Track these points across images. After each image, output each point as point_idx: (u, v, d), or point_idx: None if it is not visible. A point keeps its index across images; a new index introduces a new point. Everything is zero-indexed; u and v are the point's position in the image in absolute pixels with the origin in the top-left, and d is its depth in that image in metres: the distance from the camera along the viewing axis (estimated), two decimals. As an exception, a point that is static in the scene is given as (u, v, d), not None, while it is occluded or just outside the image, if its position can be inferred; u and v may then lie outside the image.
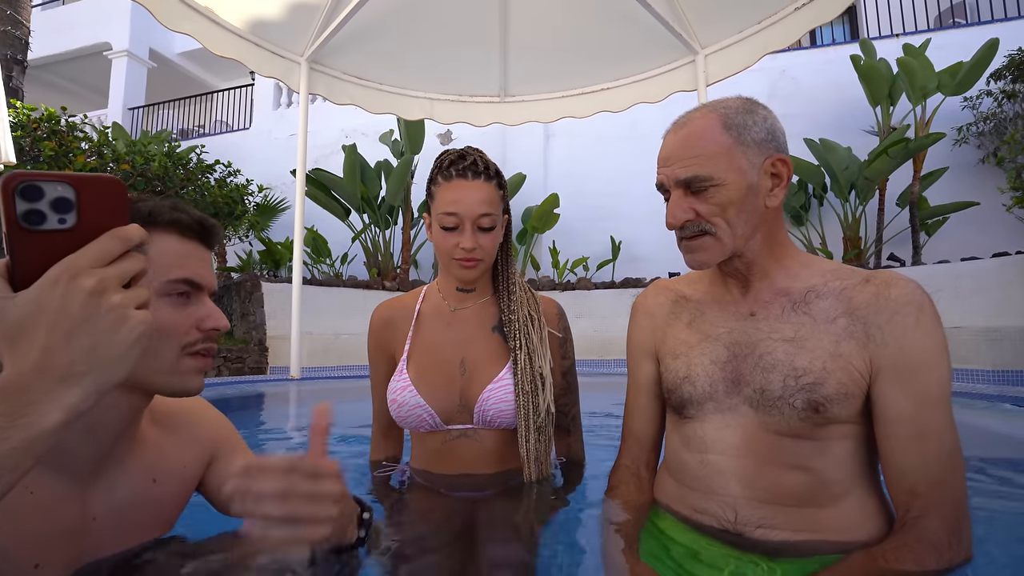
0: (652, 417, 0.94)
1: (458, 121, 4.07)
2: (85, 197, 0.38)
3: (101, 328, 0.38)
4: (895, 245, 6.43)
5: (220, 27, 3.23)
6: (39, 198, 0.37)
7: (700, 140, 0.76)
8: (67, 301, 0.37)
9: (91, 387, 0.39)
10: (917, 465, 0.69)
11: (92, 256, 0.39)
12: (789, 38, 3.15)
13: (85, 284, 0.38)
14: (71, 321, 0.38)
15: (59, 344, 0.37)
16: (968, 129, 6.27)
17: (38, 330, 0.37)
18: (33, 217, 0.37)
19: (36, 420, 0.37)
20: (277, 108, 9.81)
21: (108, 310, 0.39)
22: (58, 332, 0.37)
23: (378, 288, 6.10)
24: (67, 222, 0.38)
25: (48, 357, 0.37)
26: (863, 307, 0.73)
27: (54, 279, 0.38)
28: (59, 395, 0.38)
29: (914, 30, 7.50)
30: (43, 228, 0.38)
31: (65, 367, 0.38)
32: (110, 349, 0.39)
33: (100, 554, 0.63)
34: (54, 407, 0.37)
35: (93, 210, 0.39)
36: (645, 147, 7.42)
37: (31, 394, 0.37)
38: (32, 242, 0.38)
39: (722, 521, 0.77)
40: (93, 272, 0.38)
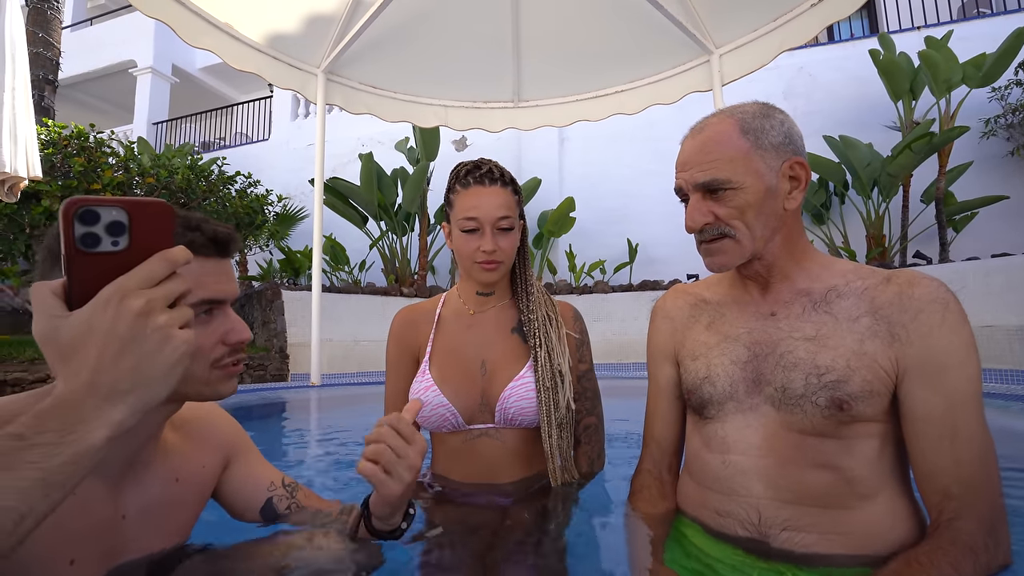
0: (673, 421, 0.93)
1: (472, 127, 4.09)
2: (137, 221, 0.40)
3: (146, 348, 0.40)
4: (921, 242, 6.27)
5: (239, 42, 3.30)
6: (95, 222, 0.39)
7: (718, 145, 0.77)
8: (116, 322, 0.39)
9: (136, 405, 0.41)
10: (949, 466, 0.67)
11: (140, 278, 0.41)
12: (805, 35, 3.11)
13: (133, 305, 0.40)
14: (120, 341, 0.40)
15: (108, 363, 0.39)
16: (996, 121, 6.10)
17: (89, 350, 0.39)
18: (89, 240, 0.39)
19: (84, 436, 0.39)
20: (295, 119, 10.00)
21: (154, 331, 0.41)
22: (108, 352, 0.39)
23: (396, 295, 6.15)
24: (119, 244, 0.40)
25: (97, 376, 0.39)
26: (886, 306, 0.72)
27: (105, 300, 0.40)
28: (105, 412, 0.40)
29: (936, 22, 7.32)
30: (97, 250, 0.40)
31: (111, 385, 0.40)
32: (154, 369, 0.41)
33: (128, 553, 0.65)
34: (101, 424, 0.39)
35: (143, 233, 0.41)
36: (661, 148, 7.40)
37: (81, 412, 0.39)
38: (87, 263, 0.40)
39: (745, 524, 0.76)
40: (141, 293, 0.40)
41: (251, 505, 0.81)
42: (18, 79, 3.12)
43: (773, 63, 3.38)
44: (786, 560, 0.73)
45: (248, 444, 0.85)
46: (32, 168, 3.14)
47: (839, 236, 6.55)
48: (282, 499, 0.82)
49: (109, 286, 0.40)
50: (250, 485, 0.81)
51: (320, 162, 3.72)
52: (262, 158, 9.74)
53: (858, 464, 0.72)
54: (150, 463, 0.69)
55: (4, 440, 0.38)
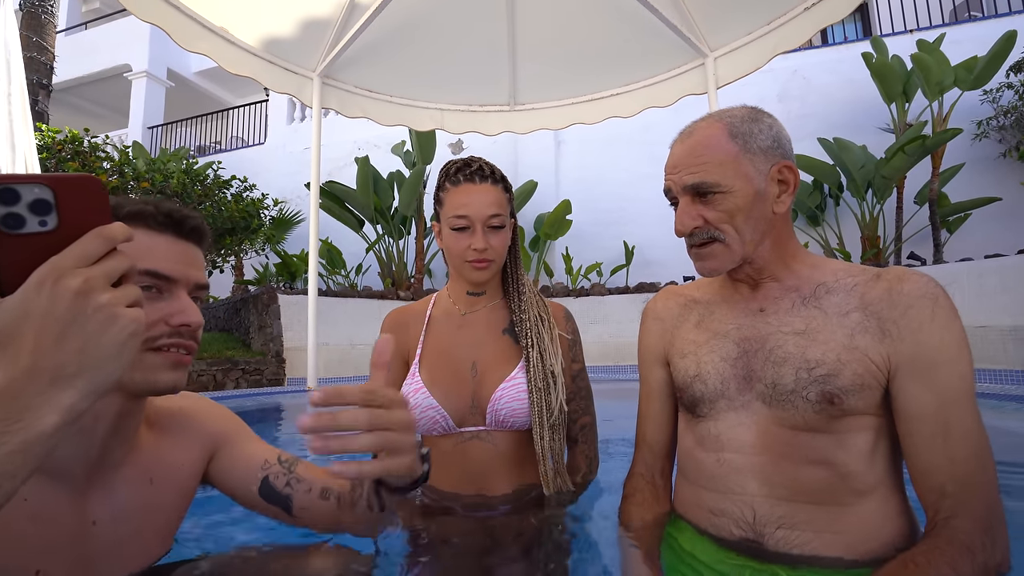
0: (665, 423, 0.93)
1: (468, 131, 4.10)
2: (64, 197, 0.37)
3: (90, 328, 0.38)
4: (915, 244, 6.30)
5: (235, 46, 3.30)
6: (16, 201, 0.36)
7: (706, 148, 0.77)
8: (54, 303, 0.37)
9: (86, 388, 0.39)
10: (944, 463, 0.67)
11: (76, 256, 0.38)
12: (799, 38, 3.13)
13: (71, 285, 0.37)
14: (59, 323, 0.37)
15: (48, 347, 0.37)
16: (988, 123, 6.15)
17: (26, 334, 0.37)
18: (11, 221, 0.37)
19: (32, 424, 0.37)
20: (291, 123, 9.99)
21: (96, 310, 0.38)
22: (46, 335, 0.37)
23: (392, 298, 6.14)
24: (48, 224, 0.37)
25: (38, 360, 0.37)
26: (876, 302, 0.73)
27: (39, 282, 0.37)
28: (53, 397, 0.37)
29: (928, 25, 7.39)
30: (23, 232, 0.37)
31: (56, 369, 0.37)
32: (101, 349, 0.39)
33: (101, 561, 0.62)
34: (49, 410, 0.37)
35: (74, 210, 0.38)
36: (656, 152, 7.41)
37: (24, 398, 0.37)
38: (14, 246, 0.37)
39: (740, 523, 0.76)
40: (78, 272, 0.38)
41: (248, 488, 0.77)
42: (14, 84, 3.10)
43: (767, 66, 3.40)
44: (781, 561, 0.73)
45: (237, 429, 0.81)
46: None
47: (834, 238, 6.58)
48: (279, 476, 0.77)
49: (42, 267, 0.37)
50: (241, 468, 0.77)
51: (316, 166, 3.72)
52: (258, 162, 9.72)
53: (852, 459, 0.72)
54: (119, 465, 0.66)
55: None
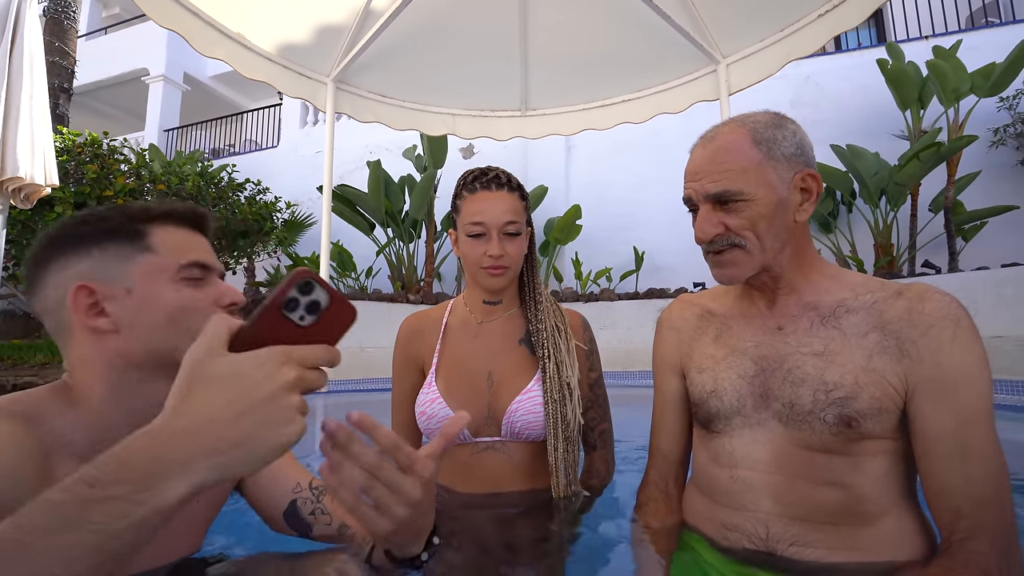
0: (679, 433, 0.93)
1: (480, 136, 4.11)
2: (330, 311, 0.42)
3: (270, 420, 0.39)
4: (930, 252, 6.22)
5: (251, 51, 3.35)
6: (307, 294, 0.41)
7: (730, 155, 0.76)
8: (263, 381, 0.39)
9: (223, 471, 0.38)
10: (960, 484, 0.67)
11: (304, 355, 0.41)
12: (813, 45, 3.11)
13: (288, 375, 0.40)
14: (252, 401, 0.38)
15: (227, 418, 0.38)
16: (1005, 131, 6.06)
17: (218, 394, 0.38)
18: (291, 305, 0.41)
19: (158, 496, 0.35)
20: (304, 126, 10.08)
21: (286, 407, 0.40)
22: (234, 407, 0.38)
23: (402, 301, 6.17)
24: (305, 321, 0.42)
25: (209, 425, 0.37)
26: (895, 321, 0.72)
27: (266, 357, 0.40)
28: (190, 470, 0.36)
29: (944, 31, 7.31)
30: (287, 317, 0.42)
31: (214, 442, 0.37)
32: (263, 442, 0.39)
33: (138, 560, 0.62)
34: (182, 481, 0.36)
35: (326, 322, 0.43)
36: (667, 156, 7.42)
37: (166, 464, 0.36)
38: (272, 322, 0.41)
39: (753, 538, 0.76)
40: (296, 368, 0.41)
41: (276, 507, 0.79)
42: (36, 88, 3.17)
43: (780, 72, 3.38)
44: (795, 572, 0.72)
45: None
46: (49, 176, 3.20)
47: (847, 245, 6.52)
48: (307, 502, 0.79)
49: (274, 347, 0.41)
50: (274, 486, 0.79)
51: (329, 170, 3.75)
52: (271, 165, 9.82)
53: (867, 482, 0.71)
54: None
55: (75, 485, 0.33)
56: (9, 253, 4.37)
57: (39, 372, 4.47)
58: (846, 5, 2.87)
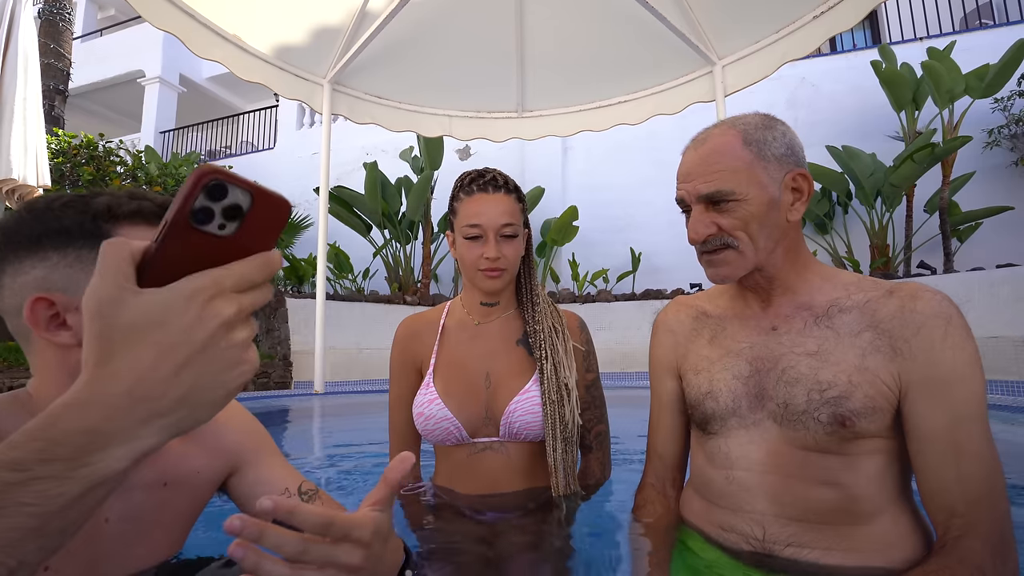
0: (676, 434, 0.93)
1: (476, 137, 4.12)
2: (255, 211, 0.34)
3: (215, 366, 0.33)
4: (925, 252, 6.25)
5: (247, 53, 3.35)
6: (220, 199, 0.33)
7: (721, 156, 0.76)
8: (197, 324, 0.32)
9: (170, 430, 0.33)
10: (954, 483, 0.67)
11: (238, 278, 0.33)
12: (808, 47, 3.13)
13: (223, 311, 0.32)
14: (190, 349, 0.32)
15: (164, 374, 0.31)
16: (999, 131, 6.10)
17: (148, 348, 0.31)
18: (202, 215, 0.32)
19: (98, 469, 0.31)
20: (300, 128, 10.08)
21: (230, 346, 0.33)
22: (170, 359, 0.31)
23: (399, 302, 6.16)
24: (226, 229, 0.33)
25: (144, 387, 0.31)
26: (888, 320, 0.72)
27: (191, 293, 0.32)
28: (133, 437, 0.31)
29: (938, 33, 7.35)
30: (203, 229, 0.33)
31: (155, 403, 0.31)
32: (210, 392, 0.33)
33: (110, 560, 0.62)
34: (125, 451, 0.31)
35: (254, 226, 0.34)
36: (663, 157, 7.44)
37: (104, 435, 0.31)
38: (185, 240, 0.33)
39: (750, 539, 0.76)
40: (233, 299, 0.33)
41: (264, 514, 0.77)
42: (30, 90, 3.16)
43: (775, 73, 3.40)
44: (790, 573, 0.72)
45: (264, 447, 0.80)
46: (41, 177, 3.19)
47: (842, 246, 6.54)
48: None
49: (200, 276, 0.32)
50: (262, 490, 0.76)
51: (325, 171, 3.75)
52: (267, 167, 9.81)
53: (862, 481, 0.71)
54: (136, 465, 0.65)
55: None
56: (4, 255, 4.35)
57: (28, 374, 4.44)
58: (841, 6, 2.89)
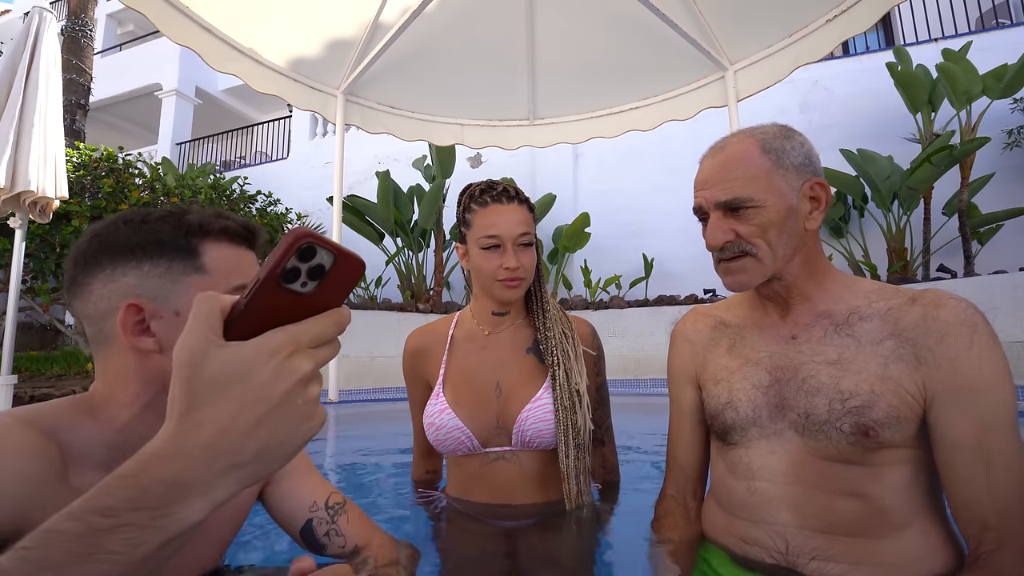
0: (696, 445, 0.92)
1: (488, 145, 4.14)
2: (335, 270, 0.35)
3: (290, 420, 0.34)
4: (944, 256, 6.13)
5: (262, 66, 3.40)
6: (308, 260, 0.34)
7: (740, 163, 0.76)
8: (277, 380, 0.33)
9: (244, 482, 0.33)
10: (985, 494, 0.65)
11: (313, 335, 0.34)
12: (821, 51, 3.10)
13: (302, 367, 0.33)
14: (269, 404, 0.33)
15: (244, 427, 0.32)
16: (1019, 132, 5.98)
17: (231, 401, 0.32)
18: (291, 275, 0.34)
19: (177, 521, 0.31)
20: (313, 138, 10.21)
21: (305, 402, 0.34)
22: (250, 413, 0.32)
23: (412, 310, 6.19)
24: (307, 287, 0.34)
25: (224, 440, 0.32)
26: (911, 328, 0.71)
27: (274, 349, 0.33)
28: (210, 488, 0.32)
29: (953, 34, 7.25)
30: (289, 287, 0.34)
31: (234, 456, 0.32)
32: (284, 446, 0.34)
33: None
34: (201, 504, 0.32)
35: (332, 284, 0.35)
36: (675, 163, 7.38)
37: (185, 487, 0.31)
38: (272, 297, 0.34)
39: (773, 552, 0.75)
40: (310, 355, 0.34)
41: (293, 526, 0.78)
42: (51, 104, 3.24)
43: (788, 77, 3.38)
44: (816, 589, 0.71)
45: (297, 458, 0.81)
46: (59, 188, 3.26)
47: (859, 250, 6.44)
48: (322, 523, 0.77)
49: (280, 332, 0.33)
50: (292, 503, 0.78)
51: (339, 181, 3.79)
52: (281, 176, 9.94)
53: (888, 492, 0.70)
54: None
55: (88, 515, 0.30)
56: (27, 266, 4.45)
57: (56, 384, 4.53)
58: (855, 9, 2.86)
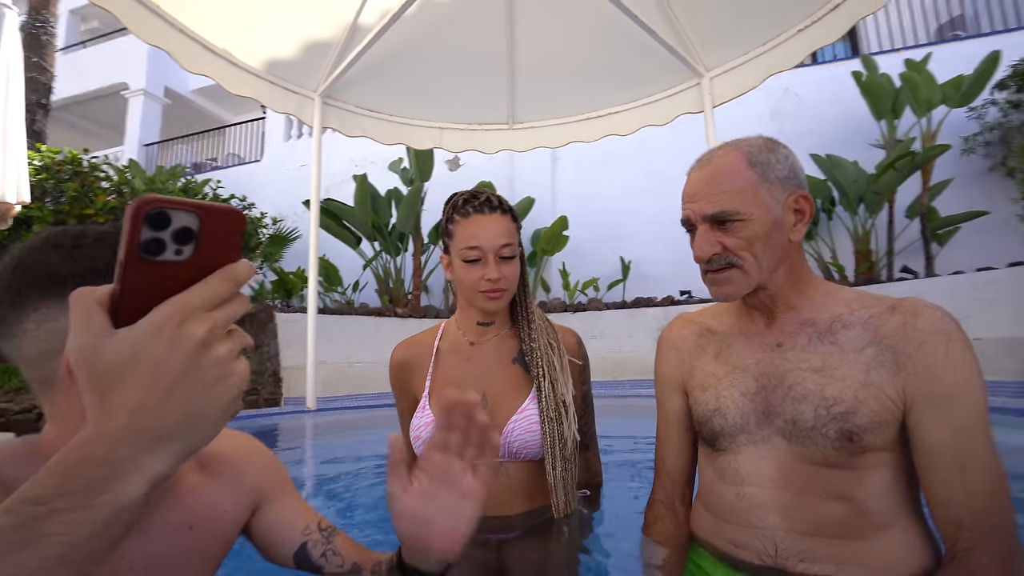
0: (684, 450, 0.94)
1: (468, 149, 4.13)
2: (207, 229, 0.34)
3: (202, 385, 0.34)
4: (907, 257, 6.37)
5: (237, 67, 3.33)
6: (165, 227, 0.33)
7: (726, 177, 0.78)
8: (172, 352, 0.33)
9: (179, 452, 0.34)
10: (961, 495, 0.68)
11: (204, 298, 0.34)
12: (793, 59, 3.19)
13: (196, 333, 0.33)
14: (172, 376, 0.33)
15: (154, 404, 0.32)
16: (975, 139, 6.27)
17: (133, 383, 0.32)
18: (153, 246, 0.33)
19: (118, 496, 0.32)
20: (288, 140, 10.04)
21: (213, 364, 0.34)
22: (155, 389, 0.32)
23: (390, 315, 6.13)
24: (183, 254, 0.33)
25: (139, 418, 0.32)
26: (890, 336, 0.74)
27: (160, 324, 0.32)
28: (144, 463, 0.33)
29: (915, 44, 7.55)
30: (159, 259, 0.33)
31: (155, 430, 0.33)
32: (207, 409, 0.34)
33: None
34: (138, 478, 0.32)
35: (210, 243, 0.34)
36: (653, 167, 7.48)
37: (114, 464, 0.32)
38: (144, 273, 0.33)
39: (762, 555, 0.77)
40: (204, 318, 0.33)
41: (284, 550, 0.76)
42: (11, 104, 3.11)
43: (761, 84, 3.46)
44: (804, 590, 0.73)
45: (284, 484, 0.80)
46: (21, 193, 3.13)
47: (827, 251, 6.65)
48: (317, 544, 0.76)
49: (165, 305, 0.33)
50: (283, 528, 0.76)
51: (317, 185, 3.74)
52: (255, 179, 9.73)
53: (871, 494, 0.72)
54: (156, 507, 0.63)
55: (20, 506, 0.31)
56: (-15, 273, 4.25)
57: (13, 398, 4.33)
58: (825, 21, 2.96)
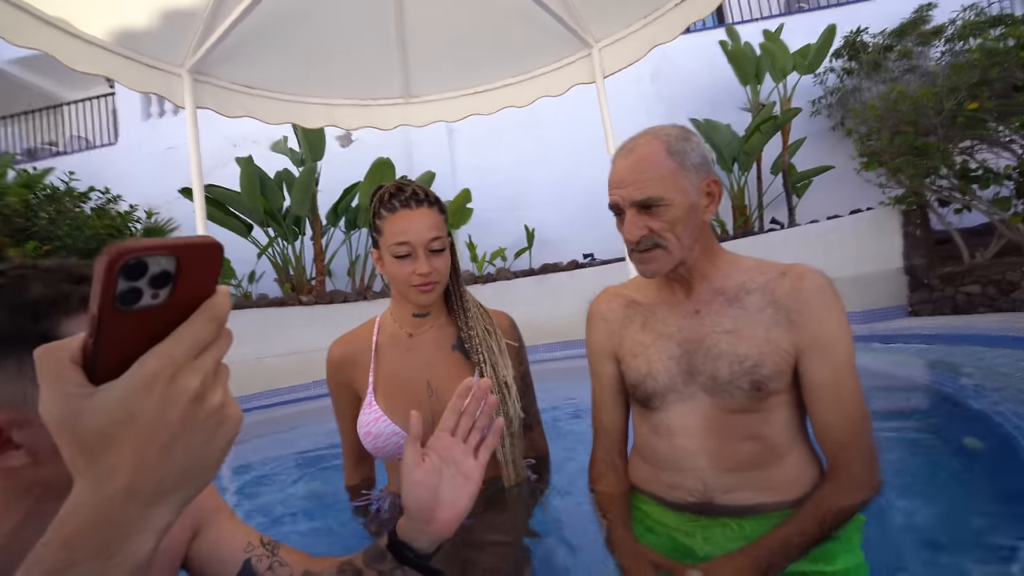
0: (619, 411, 1.05)
1: (363, 126, 3.95)
2: (184, 269, 0.31)
3: (200, 438, 0.33)
4: (774, 209, 7.21)
5: (80, 40, 2.88)
6: (142, 275, 0.30)
7: (650, 165, 0.86)
8: (166, 408, 0.31)
9: (180, 503, 0.34)
10: (840, 420, 0.85)
11: (190, 345, 0.32)
12: (673, 32, 3.41)
13: (189, 386, 0.32)
14: (169, 431, 0.32)
15: (154, 460, 0.32)
16: (820, 102, 7.15)
17: (129, 441, 0.31)
18: (130, 296, 0.30)
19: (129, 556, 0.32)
20: (147, 119, 8.87)
21: (209, 415, 0.33)
22: (154, 445, 0.31)
23: (294, 304, 5.79)
24: (160, 297, 0.31)
25: (141, 477, 0.31)
26: (784, 298, 0.88)
27: (150, 377, 0.31)
28: (150, 520, 0.33)
29: (770, 14, 8.34)
30: (135, 308, 0.31)
31: (158, 486, 0.32)
32: (205, 459, 0.34)
33: None
34: (147, 535, 0.33)
35: (188, 281, 0.32)
36: (544, 134, 7.63)
37: (122, 526, 0.32)
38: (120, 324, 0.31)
39: (693, 492, 0.90)
40: (195, 368, 0.32)
41: (227, 571, 0.74)
42: None
43: (642, 53, 3.66)
44: (729, 515, 0.88)
45: (220, 506, 0.78)
46: None
47: (709, 208, 7.31)
48: (262, 559, 0.75)
49: (151, 357, 0.31)
50: (224, 549, 0.74)
51: (197, 170, 3.38)
52: (111, 165, 8.53)
53: (775, 431, 0.88)
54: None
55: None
56: None
57: None
58: (699, -5, 3.18)
